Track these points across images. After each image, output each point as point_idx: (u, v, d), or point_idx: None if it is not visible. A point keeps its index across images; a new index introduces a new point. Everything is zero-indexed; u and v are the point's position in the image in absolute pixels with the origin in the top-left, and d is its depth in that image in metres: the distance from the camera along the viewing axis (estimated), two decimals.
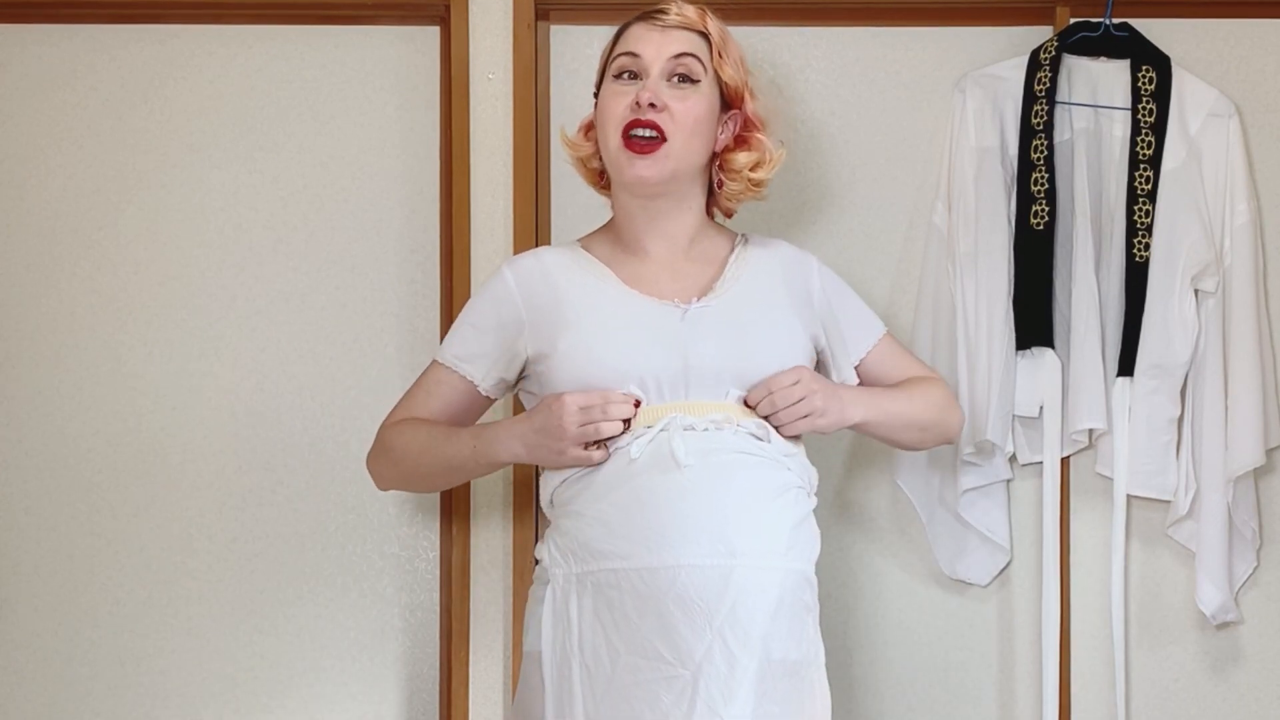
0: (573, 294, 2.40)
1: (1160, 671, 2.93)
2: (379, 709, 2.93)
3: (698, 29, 2.41)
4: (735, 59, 2.44)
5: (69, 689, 2.91)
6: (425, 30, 2.98)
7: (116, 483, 2.93)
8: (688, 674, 2.21)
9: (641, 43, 2.39)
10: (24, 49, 2.96)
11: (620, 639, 2.24)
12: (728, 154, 2.46)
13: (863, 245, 2.97)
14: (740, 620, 2.22)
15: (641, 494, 2.26)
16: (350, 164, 2.97)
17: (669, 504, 2.24)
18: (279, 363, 2.95)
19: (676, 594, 2.22)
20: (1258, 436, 2.82)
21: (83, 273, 2.95)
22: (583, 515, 2.31)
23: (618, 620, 2.25)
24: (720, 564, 2.22)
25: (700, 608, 2.21)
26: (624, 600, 2.24)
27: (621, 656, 2.24)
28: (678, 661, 2.21)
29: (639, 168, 2.36)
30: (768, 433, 2.34)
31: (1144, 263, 2.85)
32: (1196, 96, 2.88)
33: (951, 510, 2.89)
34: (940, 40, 2.98)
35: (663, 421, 2.30)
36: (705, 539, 2.23)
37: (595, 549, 2.28)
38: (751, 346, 2.37)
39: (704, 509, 2.24)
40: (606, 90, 2.42)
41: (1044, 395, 2.86)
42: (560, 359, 2.36)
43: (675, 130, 2.35)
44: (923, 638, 2.94)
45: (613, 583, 2.26)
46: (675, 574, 2.22)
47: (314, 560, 2.93)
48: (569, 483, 2.35)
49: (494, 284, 2.48)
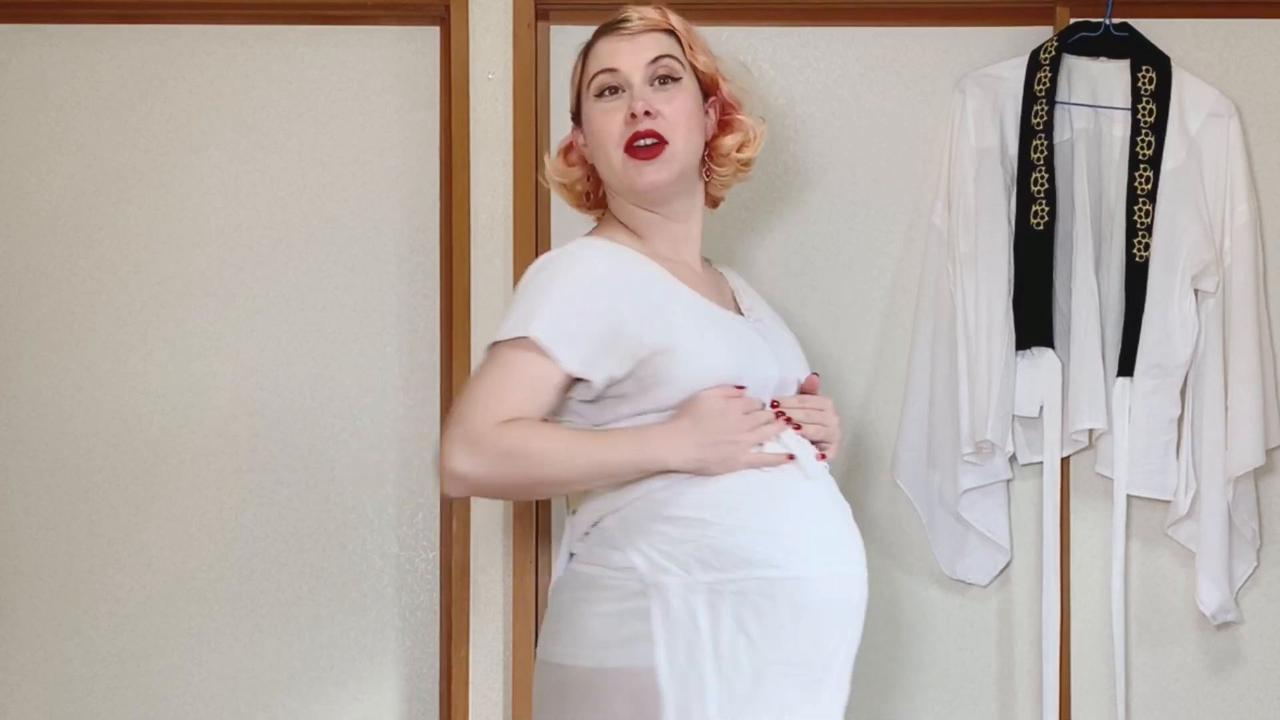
0: (669, 288, 2.33)
1: (1160, 671, 2.93)
2: (379, 709, 2.93)
3: (664, 28, 2.41)
4: (703, 46, 2.45)
5: (69, 689, 2.91)
6: (425, 30, 2.98)
7: (116, 483, 2.93)
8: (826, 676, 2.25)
9: (615, 56, 2.38)
10: (24, 49, 2.96)
11: (770, 646, 2.21)
12: (714, 140, 2.46)
13: (863, 245, 2.97)
14: (856, 626, 2.29)
15: (787, 503, 2.25)
16: (350, 164, 2.97)
17: (812, 514, 2.27)
18: (279, 363, 2.95)
19: (825, 601, 2.24)
20: (1258, 436, 2.82)
21: (83, 273, 2.95)
22: (713, 523, 2.22)
23: (767, 628, 2.21)
24: (855, 572, 2.28)
25: (842, 614, 2.26)
26: (775, 609, 2.21)
27: (772, 665, 2.21)
28: (822, 666, 2.24)
29: (648, 173, 2.35)
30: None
31: (1144, 263, 2.85)
32: (1196, 96, 2.89)
33: (951, 510, 2.89)
34: (940, 40, 2.98)
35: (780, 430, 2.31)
36: (842, 548, 2.28)
37: (740, 557, 2.21)
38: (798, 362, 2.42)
39: (837, 519, 2.29)
40: (593, 110, 2.39)
41: (1044, 395, 2.86)
42: (682, 357, 2.26)
43: (672, 131, 2.35)
44: (923, 638, 2.94)
45: (764, 591, 2.20)
46: (828, 583, 2.24)
47: (314, 560, 2.93)
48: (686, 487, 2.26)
49: (577, 269, 2.30)
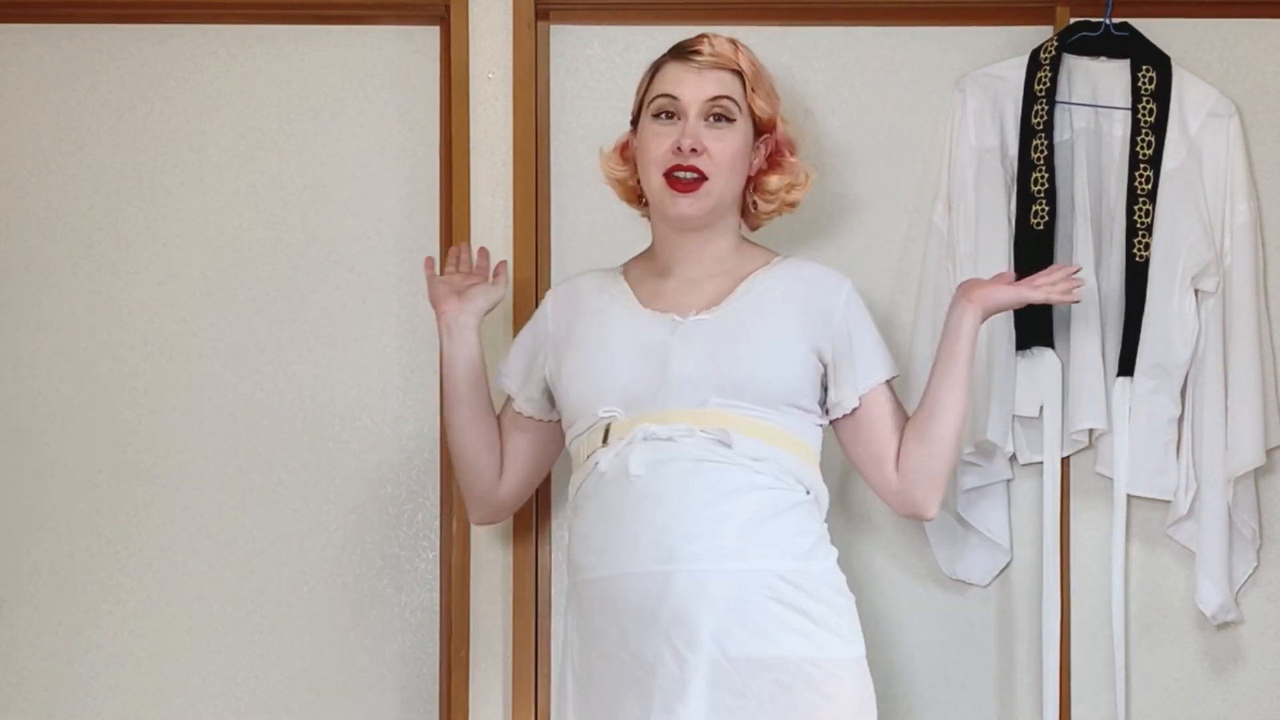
0: (585, 317, 2.52)
1: (1160, 671, 2.93)
2: (379, 709, 2.93)
3: (732, 68, 2.48)
4: (766, 89, 2.53)
5: (69, 689, 2.91)
6: (425, 30, 2.98)
7: (116, 483, 2.93)
8: (643, 675, 2.31)
9: (679, 85, 2.47)
10: (24, 49, 2.96)
11: (594, 646, 2.38)
12: (761, 177, 2.55)
13: (863, 245, 2.97)
14: (684, 621, 2.30)
15: (602, 506, 2.39)
16: (350, 164, 2.97)
17: (620, 515, 2.36)
18: (279, 363, 2.95)
19: (625, 601, 2.33)
20: (1258, 436, 2.82)
21: (83, 273, 2.95)
22: (572, 530, 2.47)
23: (589, 628, 2.38)
24: (660, 570, 2.32)
25: (646, 612, 2.31)
26: (592, 609, 2.38)
27: (594, 661, 2.37)
28: (635, 663, 2.32)
29: (682, 206, 2.46)
30: (729, 436, 2.38)
31: (1144, 263, 2.85)
32: (1196, 96, 2.88)
33: (951, 510, 2.89)
34: (940, 40, 2.98)
35: (631, 434, 2.39)
36: (644, 547, 2.33)
37: (574, 561, 2.43)
38: (738, 354, 2.41)
39: (645, 518, 2.34)
40: (648, 128, 2.48)
41: (1044, 395, 2.86)
42: (564, 376, 2.49)
43: (715, 170, 2.45)
44: (923, 638, 2.94)
45: (585, 593, 2.39)
46: (623, 582, 2.34)
47: (314, 560, 2.93)
48: (572, 500, 2.49)
49: (538, 308, 2.63)
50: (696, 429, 2.38)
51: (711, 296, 2.48)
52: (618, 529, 2.35)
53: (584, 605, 2.39)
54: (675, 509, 2.34)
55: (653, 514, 2.34)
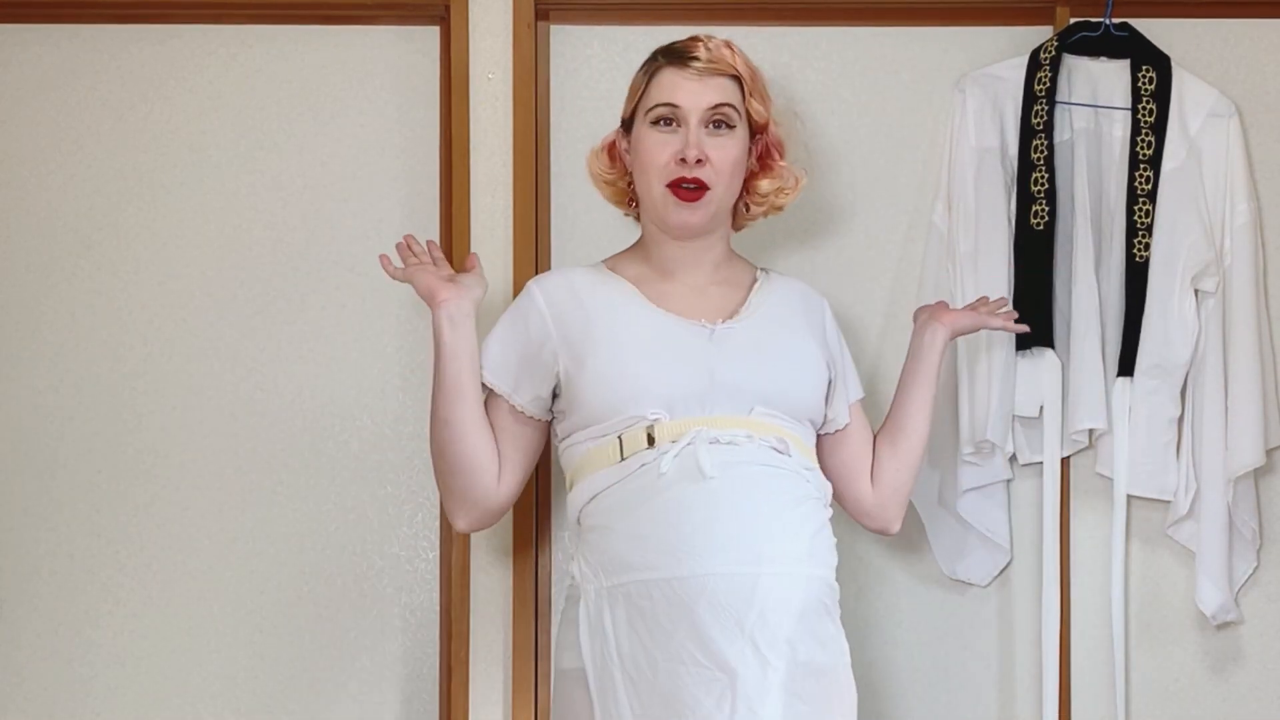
0: (601, 311, 2.45)
1: (1160, 671, 2.93)
2: (379, 709, 2.93)
3: (730, 72, 2.47)
4: (762, 91, 2.52)
5: (69, 689, 2.91)
6: (425, 30, 2.98)
7: (116, 483, 2.93)
8: (725, 677, 2.26)
9: (679, 92, 2.45)
10: (24, 49, 2.96)
11: (657, 647, 2.30)
12: (752, 179, 2.55)
13: (863, 245, 2.97)
14: (769, 624, 2.28)
15: (670, 506, 2.32)
16: (350, 164, 2.97)
17: (697, 514, 2.31)
18: (279, 363, 2.95)
19: (708, 601, 2.27)
20: (1258, 436, 2.82)
21: (83, 273, 2.95)
22: (613, 530, 2.36)
23: (652, 629, 2.30)
24: (748, 571, 2.28)
25: (731, 613, 2.27)
26: (656, 610, 2.30)
27: (660, 664, 2.29)
28: (714, 666, 2.27)
29: (684, 215, 2.45)
30: (787, 446, 2.40)
31: (1144, 263, 2.85)
32: (1196, 96, 2.88)
33: (951, 510, 2.89)
34: (940, 40, 2.98)
35: (689, 435, 2.35)
36: (733, 547, 2.29)
37: (626, 561, 2.33)
38: (775, 366, 2.43)
39: (731, 518, 2.30)
40: (646, 135, 2.47)
41: (1044, 395, 2.86)
42: (590, 376, 2.41)
43: (717, 179, 2.45)
44: (923, 638, 2.94)
45: (644, 593, 2.31)
46: (705, 582, 2.28)
47: (314, 560, 2.93)
48: (598, 499, 2.40)
49: (522, 301, 2.51)
50: (755, 435, 2.37)
51: (726, 305, 2.49)
52: (694, 529, 2.29)
53: (640, 605, 2.30)
54: (757, 511, 2.31)
55: (736, 514, 2.30)
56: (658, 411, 2.37)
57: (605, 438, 2.40)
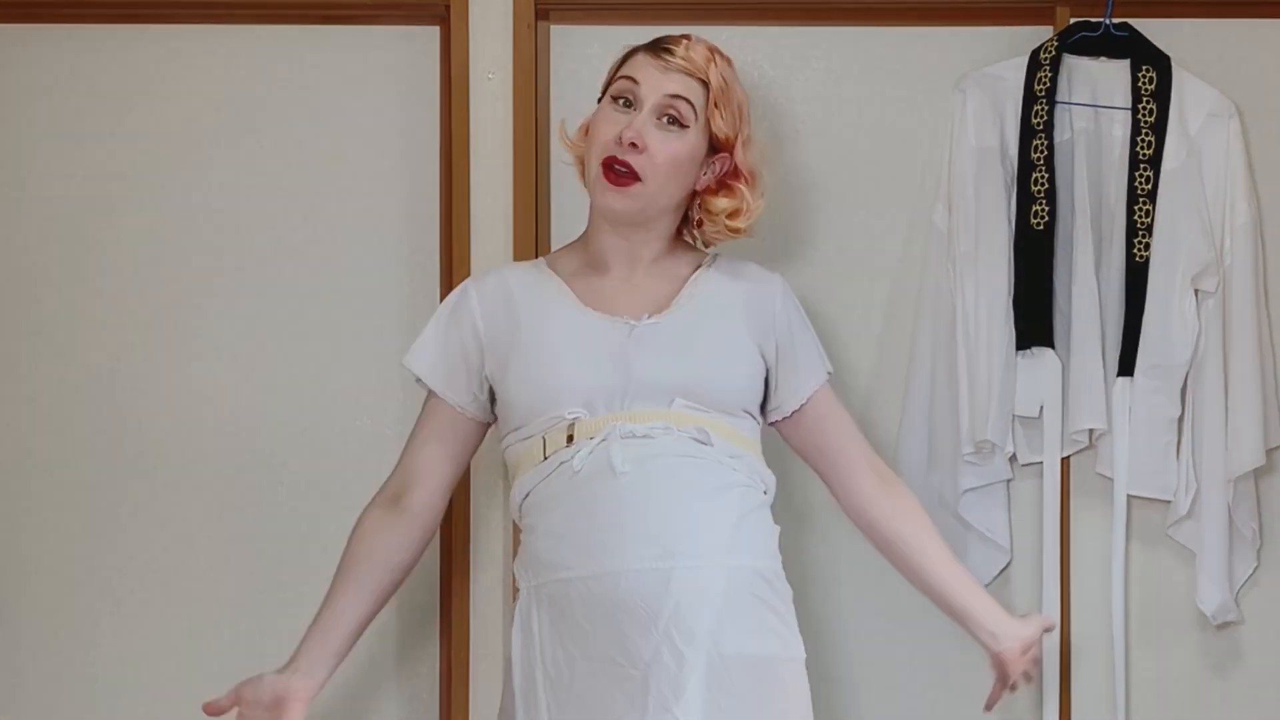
0: (527, 316, 2.46)
1: (1160, 671, 2.93)
2: (379, 709, 2.93)
3: (699, 76, 2.45)
4: (734, 109, 2.48)
5: (69, 689, 2.91)
6: (425, 30, 2.98)
7: (116, 483, 2.93)
8: (639, 674, 2.27)
9: (643, 72, 2.44)
10: (24, 49, 2.96)
11: (576, 647, 2.31)
12: (708, 195, 2.51)
13: (863, 245, 2.97)
14: (684, 618, 2.27)
15: (583, 504, 2.33)
16: (350, 164, 2.97)
17: (607, 512, 2.31)
18: (279, 363, 2.95)
19: (620, 599, 2.28)
20: (1258, 436, 2.82)
21: (83, 273, 2.95)
22: (535, 530, 2.39)
23: (571, 629, 2.32)
24: (660, 566, 2.28)
25: (645, 610, 2.27)
26: (574, 609, 2.31)
27: (578, 663, 2.31)
28: (629, 663, 2.27)
29: (610, 199, 2.43)
30: (709, 436, 2.38)
31: (1144, 263, 2.85)
32: (1196, 96, 2.88)
33: (951, 510, 2.89)
34: (940, 40, 2.98)
35: (603, 432, 2.36)
36: (643, 543, 2.29)
37: (545, 561, 2.35)
38: (697, 358, 2.42)
39: (639, 514, 2.30)
40: (602, 109, 2.47)
41: (1044, 395, 2.86)
42: (511, 382, 2.43)
43: (651, 173, 2.41)
44: (922, 638, 2.93)
45: (563, 593, 2.32)
46: (617, 580, 2.29)
47: (314, 560, 2.93)
48: (528, 499, 2.42)
49: (455, 300, 2.52)
50: (673, 426, 2.37)
51: (656, 300, 2.47)
52: (605, 526, 2.30)
53: (560, 605, 2.32)
54: (668, 505, 2.31)
55: (645, 510, 2.30)
56: (577, 410, 2.38)
57: (531, 438, 2.41)
